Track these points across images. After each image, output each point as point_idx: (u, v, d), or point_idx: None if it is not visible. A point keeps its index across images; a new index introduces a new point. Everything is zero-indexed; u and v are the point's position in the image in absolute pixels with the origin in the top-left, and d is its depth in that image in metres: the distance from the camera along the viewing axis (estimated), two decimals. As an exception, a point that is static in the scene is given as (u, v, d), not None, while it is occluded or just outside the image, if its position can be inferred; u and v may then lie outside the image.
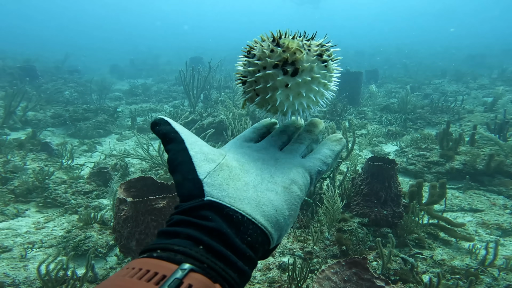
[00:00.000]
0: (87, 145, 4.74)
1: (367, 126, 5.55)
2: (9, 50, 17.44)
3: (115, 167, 3.41)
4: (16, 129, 4.88)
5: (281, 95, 0.51)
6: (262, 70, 0.52)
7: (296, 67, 0.50)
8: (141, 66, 15.62)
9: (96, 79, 10.95)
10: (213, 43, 29.77)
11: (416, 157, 3.76)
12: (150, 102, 7.94)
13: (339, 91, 7.04)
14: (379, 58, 17.42)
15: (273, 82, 0.51)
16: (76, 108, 5.67)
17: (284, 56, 0.50)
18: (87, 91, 8.11)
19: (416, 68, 12.93)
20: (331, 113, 5.72)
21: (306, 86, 0.52)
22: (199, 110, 6.14)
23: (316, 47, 0.53)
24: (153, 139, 5.37)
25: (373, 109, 6.64)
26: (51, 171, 3.15)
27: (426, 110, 6.12)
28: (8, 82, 7.22)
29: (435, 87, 8.99)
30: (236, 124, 4.34)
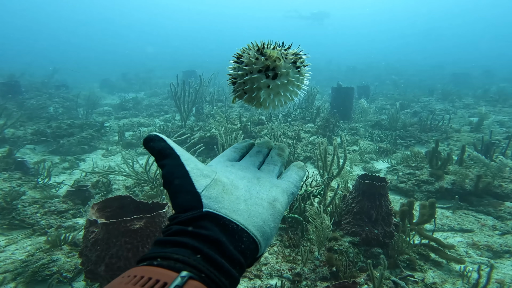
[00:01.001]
0: (69, 162, 4.60)
1: (359, 143, 5.62)
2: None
3: (97, 184, 3.30)
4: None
5: (264, 94, 0.67)
6: (249, 74, 0.66)
7: (275, 72, 0.65)
8: (134, 80, 15.64)
9: (85, 94, 10.86)
10: (213, 56, 30.30)
11: (407, 175, 3.80)
12: (140, 116, 7.88)
13: (331, 106, 7.19)
14: (370, 74, 18.08)
15: (258, 84, 0.66)
16: (60, 123, 5.55)
17: (266, 63, 0.65)
18: (74, 106, 8.00)
19: (405, 85, 13.42)
20: (323, 128, 5.78)
21: (283, 87, 0.68)
22: (191, 124, 6.12)
23: (291, 55, 0.67)
24: (141, 154, 5.27)
25: (364, 125, 6.77)
26: (23, 191, 3.00)
27: (415, 128, 6.27)
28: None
29: (423, 104, 9.30)
30: (228, 138, 4.33)
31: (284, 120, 6.09)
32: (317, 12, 33.49)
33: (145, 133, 5.95)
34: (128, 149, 5.46)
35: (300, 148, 5.09)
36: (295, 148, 5.02)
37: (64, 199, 2.85)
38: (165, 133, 5.43)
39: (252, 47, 0.71)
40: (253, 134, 5.32)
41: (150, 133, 0.50)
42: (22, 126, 5.81)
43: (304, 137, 5.43)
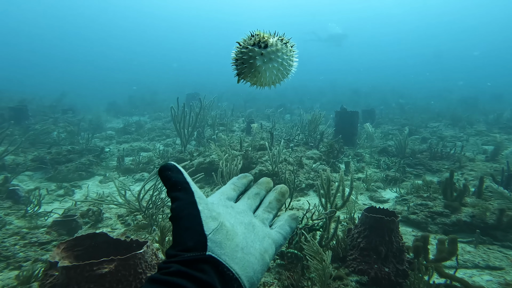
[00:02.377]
0: (65, 189, 4.54)
1: (365, 170, 5.43)
2: (9, 90, 18.17)
3: (87, 213, 3.19)
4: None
5: (259, 60, 0.89)
6: (245, 48, 0.90)
7: (266, 43, 0.89)
8: (139, 103, 16.03)
9: (90, 118, 11.16)
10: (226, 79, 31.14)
11: (418, 206, 3.57)
12: (142, 140, 7.93)
13: (335, 130, 7.08)
14: (374, 97, 18.11)
15: (253, 53, 0.89)
16: (60, 149, 5.59)
17: (258, 39, 0.89)
18: (78, 130, 8.16)
19: (412, 110, 13.29)
20: (327, 154, 5.64)
21: (274, 53, 0.90)
22: (191, 149, 6.08)
23: (277, 37, 0.94)
24: (138, 180, 5.19)
25: (370, 151, 6.59)
26: (4, 222, 2.91)
27: (425, 155, 6.05)
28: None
29: (432, 130, 9.10)
30: (228, 165, 4.22)
31: (286, 146, 5.99)
32: (335, 33, 33.47)
33: (144, 158, 5.91)
34: (126, 175, 5.40)
35: (302, 176, 4.93)
36: (297, 176, 4.86)
37: (48, 229, 2.73)
38: (164, 158, 5.38)
39: (246, 36, 0.97)
40: (254, 160, 5.21)
41: (168, 162, 0.51)
42: (23, 153, 5.87)
43: (307, 163, 5.29)
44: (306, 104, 16.02)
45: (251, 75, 1.03)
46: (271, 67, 1.01)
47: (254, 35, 1.01)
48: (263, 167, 4.94)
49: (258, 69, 1.00)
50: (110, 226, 3.30)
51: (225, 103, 12.12)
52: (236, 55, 1.03)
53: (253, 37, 1.02)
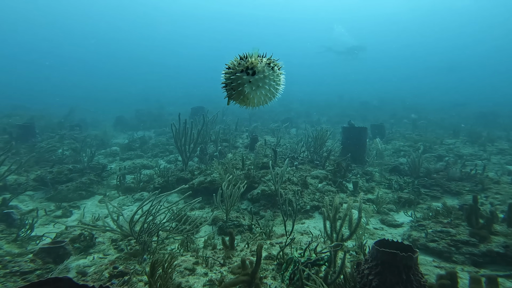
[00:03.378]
0: (63, 209, 4.45)
1: (375, 190, 5.14)
2: (23, 106, 18.83)
3: (79, 238, 3.05)
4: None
5: (248, 87, 1.06)
6: (234, 74, 1.07)
7: (254, 70, 1.07)
8: (145, 117, 16.17)
9: (97, 133, 11.31)
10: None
11: (438, 233, 3.26)
12: (144, 157, 7.88)
13: (342, 147, 6.82)
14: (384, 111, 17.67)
15: (242, 80, 1.06)
16: (61, 168, 5.57)
17: (246, 65, 1.06)
18: (83, 147, 8.21)
19: (425, 125, 12.79)
20: (333, 173, 5.38)
21: (262, 80, 1.07)
22: (193, 167, 5.95)
23: (266, 60, 1.11)
24: (137, 200, 5.06)
25: (380, 169, 6.27)
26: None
27: (442, 175, 5.69)
28: (5, 142, 7.41)
29: (448, 148, 8.65)
30: (229, 187, 4.03)
31: (290, 164, 5.78)
32: (351, 46, 32.36)
33: (145, 176, 5.81)
34: (126, 194, 5.29)
35: (307, 197, 4.69)
36: (301, 197, 4.62)
37: (34, 257, 2.59)
38: (165, 177, 5.26)
39: (236, 59, 1.06)
40: (256, 179, 5.02)
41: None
42: (26, 172, 5.88)
43: (312, 183, 5.05)
44: (313, 117, 15.80)
45: (241, 100, 1.14)
46: (259, 94, 1.11)
47: (243, 59, 1.09)
48: (265, 187, 4.74)
49: (247, 96, 1.10)
50: (102, 251, 3.15)
51: (229, 117, 12.09)
52: (225, 79, 1.11)
53: (241, 62, 1.11)
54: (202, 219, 3.95)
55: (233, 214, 4.35)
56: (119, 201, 4.96)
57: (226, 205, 3.77)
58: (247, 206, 4.82)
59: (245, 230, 3.83)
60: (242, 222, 3.95)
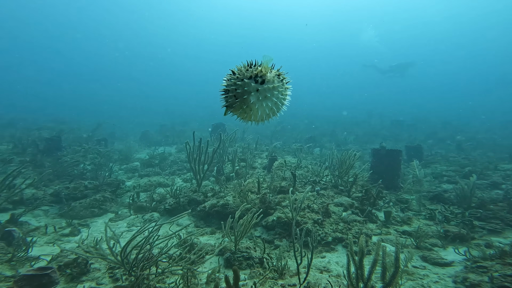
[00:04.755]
0: (71, 227, 4.42)
1: (412, 221, 4.52)
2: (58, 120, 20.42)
3: (74, 263, 2.89)
4: (6, 210, 4.84)
5: (254, 96, 0.98)
6: (241, 80, 1.00)
7: (263, 79, 1.01)
8: (169, 133, 16.65)
9: (121, 148, 11.72)
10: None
11: (508, 277, 2.65)
12: (162, 174, 7.87)
13: (372, 171, 6.23)
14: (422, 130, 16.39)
15: (248, 87, 0.99)
16: (78, 184, 5.66)
17: (255, 72, 1.01)
18: (106, 162, 8.46)
19: (473, 147, 11.50)
20: (360, 201, 4.86)
21: (270, 91, 1.01)
22: (207, 188, 5.75)
23: (275, 71, 1.07)
24: (147, 221, 4.92)
25: (419, 197, 5.58)
26: None
27: (501, 206, 4.90)
28: (32, 155, 7.86)
29: (505, 174, 7.61)
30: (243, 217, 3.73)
31: (312, 188, 5.35)
32: (400, 63, 30.11)
33: (159, 196, 5.70)
34: (137, 214, 5.19)
35: (328, 227, 4.23)
36: (322, 226, 4.17)
37: (13, 285, 2.44)
38: (176, 198, 5.09)
39: (243, 65, 1.03)
40: (273, 204, 4.66)
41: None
42: (45, 186, 6.08)
43: (335, 212, 4.58)
44: (339, 136, 15.11)
45: (242, 111, 1.03)
46: (265, 106, 1.02)
47: (252, 66, 1.02)
48: (282, 214, 4.37)
49: (251, 106, 1.00)
50: (96, 279, 2.94)
51: (250, 135, 11.93)
52: (228, 85, 1.01)
53: (250, 69, 1.02)
54: (209, 248, 3.66)
55: (245, 242, 4.01)
56: (129, 221, 4.85)
57: (236, 235, 3.46)
58: (261, 233, 4.48)
59: (255, 264, 3.47)
60: (253, 254, 3.59)
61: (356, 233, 4.23)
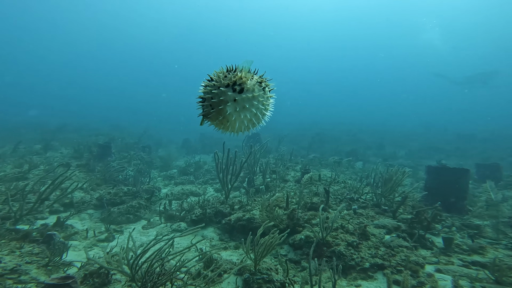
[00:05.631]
0: (108, 233, 4.75)
1: (486, 251, 3.85)
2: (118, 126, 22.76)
3: (97, 272, 3.05)
4: (57, 212, 5.44)
5: (231, 107, 0.89)
6: (217, 88, 0.90)
7: (242, 87, 0.91)
8: (208, 141, 17.29)
9: (163, 155, 12.52)
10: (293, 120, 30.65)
11: None
12: (195, 183, 8.13)
13: (427, 191, 5.43)
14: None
15: (225, 96, 0.90)
16: (118, 190, 6.13)
17: (234, 79, 0.90)
18: (148, 169, 9.08)
19: None
20: (409, 224, 4.32)
21: (249, 101, 0.91)
22: (234, 200, 5.73)
23: (258, 77, 0.96)
24: (174, 230, 5.05)
25: (495, 223, 4.72)
26: (26, 270, 3.02)
27: None
28: (87, 160, 8.83)
29: None
30: (267, 234, 3.60)
31: (347, 206, 4.94)
32: (477, 73, 26.78)
33: (187, 205, 5.85)
34: (167, 223, 5.39)
35: (366, 251, 3.82)
36: (358, 250, 3.78)
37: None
38: (203, 209, 5.15)
39: (222, 70, 0.95)
40: (301, 222, 4.41)
41: None
42: (93, 190, 6.72)
43: (375, 234, 4.13)
44: (386, 149, 13.88)
45: (218, 122, 0.97)
46: (243, 117, 0.94)
47: (230, 72, 0.93)
48: (310, 233, 4.10)
49: (227, 118, 0.93)
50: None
51: (286, 146, 11.69)
52: (204, 92, 0.94)
53: (228, 75, 0.93)
54: (228, 266, 3.57)
55: (268, 261, 3.84)
56: (158, 230, 5.05)
57: (255, 254, 3.32)
58: (287, 252, 4.26)
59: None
60: (274, 276, 3.39)
61: (401, 260, 3.75)
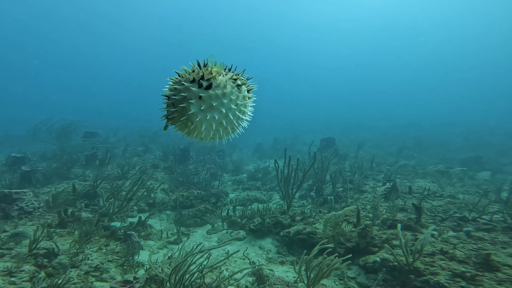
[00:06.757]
0: (176, 236, 5.21)
1: None
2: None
3: (154, 277, 3.33)
4: (143, 211, 6.31)
5: (195, 105, 0.74)
6: (181, 85, 0.76)
7: (210, 82, 0.76)
8: (280, 146, 17.31)
9: (235, 159, 13.19)
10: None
11: None
12: (262, 189, 8.19)
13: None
14: None
15: (189, 93, 0.75)
16: (190, 193, 6.70)
17: (201, 73, 0.76)
18: (221, 173, 9.69)
19: None
20: None
21: (217, 99, 0.76)
22: (297, 210, 5.46)
23: (233, 74, 0.84)
24: (234, 238, 5.15)
25: None
26: (106, 268, 3.53)
27: None
28: (171, 163, 10.08)
29: None
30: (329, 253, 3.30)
31: (455, 226, 4.02)
32: None
33: (249, 212, 5.90)
34: (230, 229, 5.55)
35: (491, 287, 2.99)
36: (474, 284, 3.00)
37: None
38: (263, 217, 5.08)
39: (192, 65, 0.81)
40: (377, 241, 3.82)
41: None
42: (171, 192, 7.58)
43: (510, 264, 3.19)
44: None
45: (181, 124, 0.83)
46: (209, 119, 0.80)
47: (199, 67, 0.82)
48: (389, 255, 3.51)
49: (190, 118, 0.80)
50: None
51: (363, 153, 10.54)
52: (169, 90, 0.83)
53: (197, 70, 0.82)
54: (280, 287, 3.37)
55: (329, 283, 3.48)
56: (220, 236, 5.24)
57: (308, 279, 3.02)
58: (356, 274, 3.77)
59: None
60: (332, 307, 3.01)
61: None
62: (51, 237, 4.13)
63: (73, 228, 4.58)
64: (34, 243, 3.58)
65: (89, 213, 5.65)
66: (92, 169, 8.98)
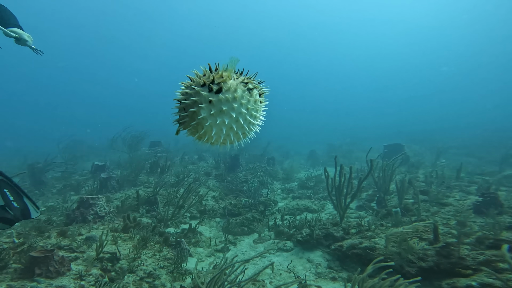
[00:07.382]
0: (223, 244, 5.21)
1: None
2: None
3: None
4: (195, 217, 6.53)
5: (205, 110, 0.76)
6: (192, 89, 0.78)
7: (220, 86, 0.77)
8: (336, 152, 16.35)
9: (286, 167, 12.91)
10: None
11: None
12: (313, 198, 7.77)
13: None
14: None
15: (199, 97, 0.77)
16: (237, 201, 6.72)
17: (212, 77, 0.77)
18: (271, 181, 9.57)
19: None
20: None
21: (227, 104, 0.77)
22: (353, 222, 4.96)
23: (244, 77, 0.84)
24: (279, 250, 4.89)
25: None
26: (158, 274, 3.65)
27: None
28: (222, 170, 10.38)
29: None
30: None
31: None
32: None
33: (298, 222, 5.59)
34: (277, 239, 5.33)
35: None
36: None
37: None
38: (312, 228, 4.74)
39: (204, 69, 0.85)
40: (470, 262, 3.19)
41: None
42: (221, 200, 7.73)
43: None
44: None
45: (192, 128, 0.86)
46: (219, 123, 0.81)
47: (211, 71, 0.84)
48: (493, 280, 2.93)
49: (201, 123, 0.82)
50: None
51: (444, 161, 9.21)
52: (180, 94, 0.86)
53: (208, 73, 0.84)
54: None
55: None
56: (265, 246, 5.07)
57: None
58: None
59: None
60: None
61: None
62: (115, 242, 4.50)
63: (134, 233, 4.95)
64: (101, 247, 3.90)
65: (149, 219, 6.08)
66: (155, 176, 9.78)
